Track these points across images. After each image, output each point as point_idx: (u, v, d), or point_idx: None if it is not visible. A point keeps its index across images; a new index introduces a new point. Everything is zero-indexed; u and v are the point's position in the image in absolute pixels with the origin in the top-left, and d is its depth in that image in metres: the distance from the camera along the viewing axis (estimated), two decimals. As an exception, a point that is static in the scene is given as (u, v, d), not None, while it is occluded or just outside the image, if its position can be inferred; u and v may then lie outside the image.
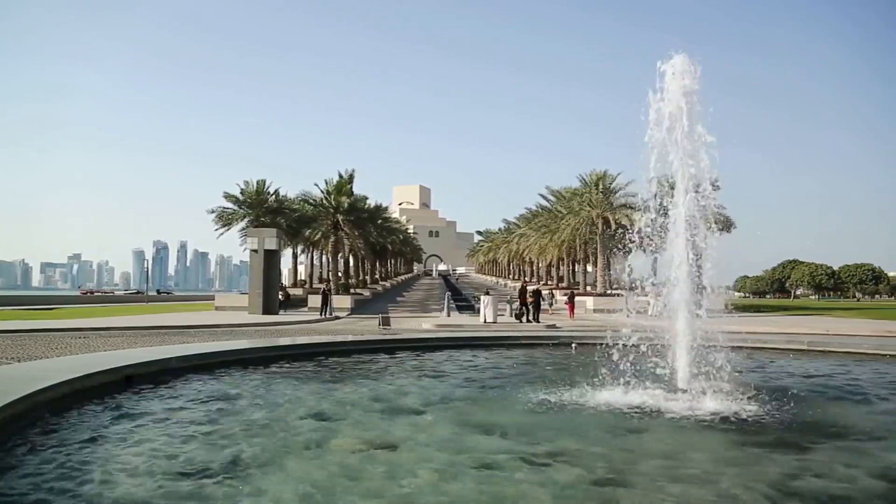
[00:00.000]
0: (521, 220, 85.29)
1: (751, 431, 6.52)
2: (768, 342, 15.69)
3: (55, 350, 16.29)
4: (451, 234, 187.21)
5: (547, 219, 67.74)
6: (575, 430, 6.63)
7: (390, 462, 5.34)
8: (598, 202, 55.73)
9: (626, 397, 7.93)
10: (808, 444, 6.07)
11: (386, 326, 28.94)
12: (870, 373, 11.18)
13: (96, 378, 8.06)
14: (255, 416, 7.05)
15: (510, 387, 9.16)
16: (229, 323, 29.17)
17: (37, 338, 19.96)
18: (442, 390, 8.95)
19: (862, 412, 7.81)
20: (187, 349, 12.62)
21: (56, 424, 6.30)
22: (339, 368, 11.03)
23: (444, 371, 10.97)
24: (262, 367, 10.71)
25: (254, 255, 38.78)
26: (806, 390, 9.13)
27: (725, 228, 42.68)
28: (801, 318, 40.10)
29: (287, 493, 4.54)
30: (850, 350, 14.38)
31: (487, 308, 31.27)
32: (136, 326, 25.82)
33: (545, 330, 26.61)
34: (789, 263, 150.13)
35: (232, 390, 8.63)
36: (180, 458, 5.35)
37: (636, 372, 8.57)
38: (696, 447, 6.10)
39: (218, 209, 53.95)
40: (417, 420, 7.03)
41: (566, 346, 14.59)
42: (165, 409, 7.30)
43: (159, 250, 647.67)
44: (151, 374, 9.13)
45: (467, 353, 13.60)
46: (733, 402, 7.63)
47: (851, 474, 5.13)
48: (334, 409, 7.51)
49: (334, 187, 57.49)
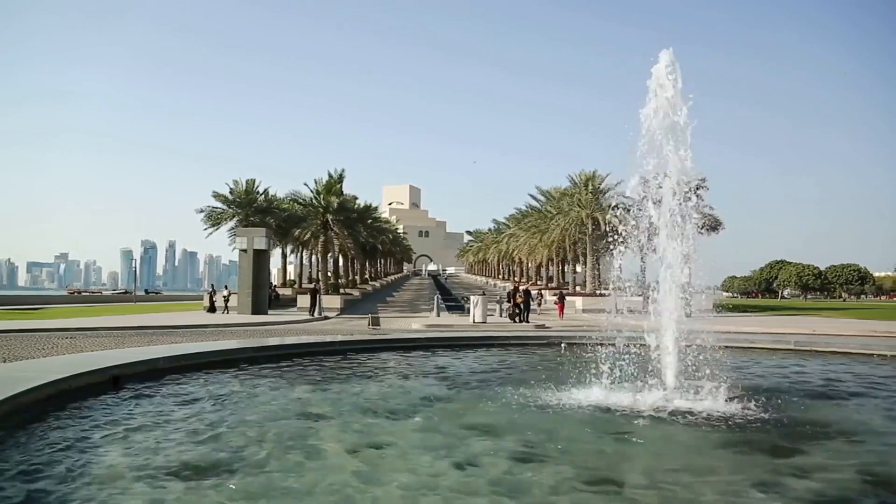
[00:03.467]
0: (510, 220, 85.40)
1: (736, 430, 6.57)
2: (756, 342, 15.82)
3: (41, 350, 16.15)
4: (440, 234, 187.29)
5: (537, 219, 67.86)
6: (558, 430, 6.64)
7: (375, 461, 5.36)
8: (587, 202, 55.89)
9: (612, 397, 7.96)
10: (793, 442, 6.13)
11: (375, 326, 28.91)
12: (856, 371, 11.29)
13: (83, 378, 8.02)
14: (243, 417, 7.04)
15: (498, 386, 9.18)
16: (218, 323, 29.04)
17: (23, 338, 19.78)
18: (430, 390, 8.96)
19: (843, 410, 7.90)
20: (175, 349, 12.56)
21: (40, 425, 6.26)
22: (328, 369, 11.01)
23: (432, 371, 10.98)
24: (251, 368, 10.68)
25: (243, 255, 38.62)
26: (793, 389, 9.22)
27: (713, 229, 42.96)
28: (788, 318, 40.41)
29: (273, 492, 4.54)
30: (837, 350, 14.54)
31: (477, 308, 31.31)
32: (123, 326, 25.65)
33: (535, 330, 26.67)
34: (777, 264, 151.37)
35: (219, 390, 8.60)
36: (165, 458, 5.34)
37: (623, 372, 8.62)
38: (681, 444, 6.14)
39: (207, 209, 53.70)
40: (404, 420, 7.03)
41: (555, 345, 14.66)
42: (151, 410, 7.26)
43: (147, 250, 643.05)
44: (139, 374, 9.09)
45: (457, 353, 13.62)
46: (718, 400, 7.69)
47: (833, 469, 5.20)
48: (322, 409, 7.51)
49: (324, 187, 57.36)
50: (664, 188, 9.23)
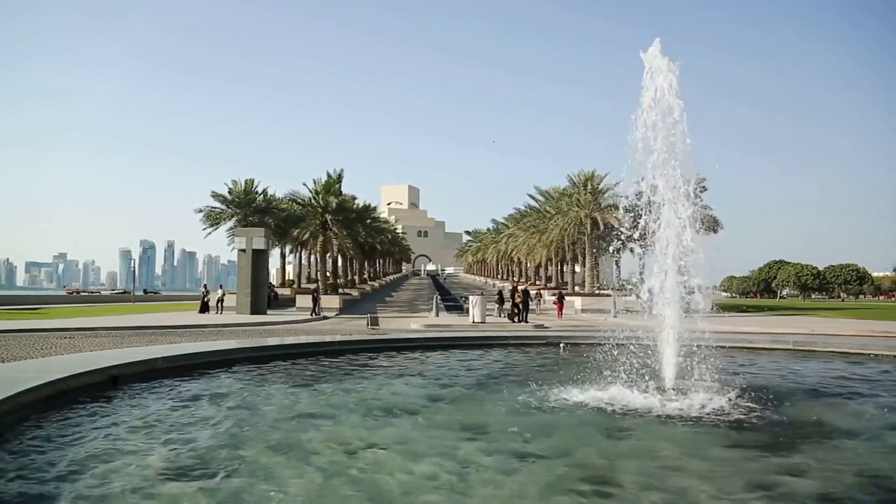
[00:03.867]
0: (509, 220, 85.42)
1: (735, 429, 6.57)
2: (754, 342, 15.83)
3: (40, 350, 16.13)
4: (439, 234, 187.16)
5: (535, 219, 67.91)
6: (557, 430, 6.64)
7: (372, 462, 5.35)
8: (586, 202, 55.94)
9: (610, 396, 7.95)
10: (790, 442, 6.14)
11: (374, 327, 28.88)
12: (854, 371, 11.29)
13: (82, 378, 8.01)
14: (240, 417, 7.03)
15: (498, 386, 9.18)
16: (217, 323, 29.02)
17: (21, 338, 19.75)
18: (428, 391, 8.95)
19: (840, 410, 7.90)
20: (174, 349, 12.54)
21: (40, 425, 6.25)
22: (327, 369, 11.01)
23: (431, 371, 10.97)
24: (249, 368, 10.67)
25: (242, 255, 38.60)
26: (791, 389, 9.22)
27: (712, 229, 42.95)
28: (786, 318, 40.43)
29: (269, 493, 4.53)
30: (835, 350, 14.54)
31: (476, 308, 31.30)
32: (122, 326, 25.61)
33: (534, 330, 26.67)
34: (775, 264, 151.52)
35: (218, 390, 8.59)
36: (162, 457, 5.33)
37: (623, 371, 8.62)
38: (678, 444, 6.14)
39: (206, 209, 53.70)
40: (404, 421, 7.02)
41: (554, 345, 14.66)
42: (151, 409, 7.26)
43: (146, 250, 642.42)
44: (138, 374, 9.08)
45: (456, 353, 13.62)
46: (718, 399, 7.68)
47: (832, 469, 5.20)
48: (319, 409, 7.50)
49: (323, 187, 57.35)
50: (664, 188, 9.22)
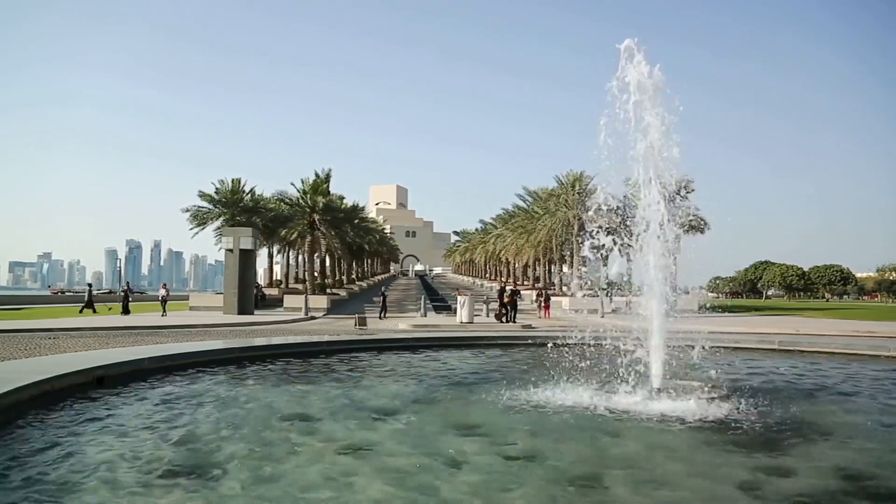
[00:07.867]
0: (497, 220, 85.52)
1: (720, 430, 6.62)
2: (741, 342, 15.93)
3: (23, 351, 15.96)
4: (427, 234, 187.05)
5: (523, 219, 68.05)
6: (542, 430, 6.65)
7: (358, 461, 5.34)
8: (574, 203, 56.13)
9: (596, 397, 7.97)
10: (776, 442, 6.19)
11: (362, 327, 28.81)
12: (838, 371, 11.41)
13: (67, 379, 7.93)
14: (225, 417, 6.99)
15: (484, 386, 9.17)
16: (204, 323, 28.83)
17: (4, 339, 19.52)
18: (415, 390, 8.95)
19: (826, 409, 7.98)
20: (160, 349, 12.46)
21: (21, 427, 6.19)
22: (314, 369, 10.98)
23: (418, 371, 10.96)
24: (236, 368, 10.62)
25: (229, 255, 38.40)
26: (777, 388, 9.30)
27: (698, 230, 43.23)
28: (772, 319, 40.78)
29: (252, 494, 4.52)
30: (820, 349, 14.69)
31: (464, 308, 31.33)
32: (108, 326, 25.40)
33: (521, 330, 26.73)
34: (761, 264, 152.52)
35: (203, 391, 8.54)
36: (146, 459, 5.30)
37: (608, 372, 8.66)
38: (664, 446, 6.18)
39: (193, 208, 53.38)
40: (391, 421, 7.02)
41: (541, 345, 14.67)
42: (133, 411, 7.21)
43: (132, 249, 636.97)
44: (124, 374, 9.01)
45: (443, 353, 13.62)
46: (702, 400, 7.73)
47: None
48: (306, 409, 7.48)
49: (311, 187, 57.15)
50: (650, 189, 9.24)
